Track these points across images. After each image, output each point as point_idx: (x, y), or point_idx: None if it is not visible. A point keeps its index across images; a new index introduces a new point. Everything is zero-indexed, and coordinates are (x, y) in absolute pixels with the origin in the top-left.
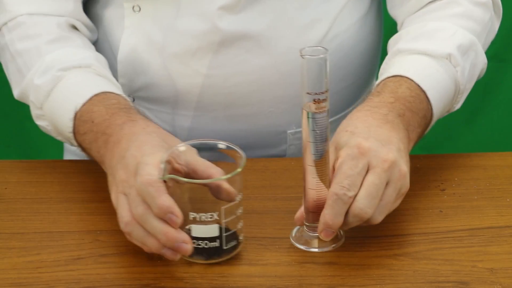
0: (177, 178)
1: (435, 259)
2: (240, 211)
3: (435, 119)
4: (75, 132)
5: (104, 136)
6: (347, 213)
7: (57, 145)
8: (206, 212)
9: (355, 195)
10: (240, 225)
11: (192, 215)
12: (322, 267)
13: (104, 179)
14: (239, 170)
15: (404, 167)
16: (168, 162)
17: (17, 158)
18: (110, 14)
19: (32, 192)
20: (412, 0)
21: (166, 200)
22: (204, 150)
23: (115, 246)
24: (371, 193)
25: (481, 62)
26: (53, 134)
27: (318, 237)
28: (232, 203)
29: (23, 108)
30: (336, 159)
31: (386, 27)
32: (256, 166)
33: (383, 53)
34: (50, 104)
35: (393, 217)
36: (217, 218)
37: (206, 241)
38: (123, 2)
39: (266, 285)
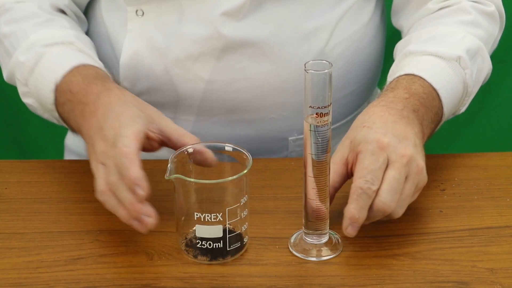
0: (184, 178)
1: (435, 259)
2: (245, 213)
3: (444, 119)
4: (56, 104)
5: (81, 105)
6: (370, 207)
7: (57, 145)
8: (210, 212)
9: (378, 190)
10: (244, 227)
11: (196, 215)
12: (322, 267)
13: None
14: (245, 171)
15: (421, 161)
16: (146, 134)
17: (17, 158)
18: (113, 18)
19: (32, 192)
20: (419, 11)
21: (135, 172)
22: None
23: (115, 246)
24: (393, 187)
25: (487, 67)
26: (40, 112)
27: (316, 246)
28: (236, 205)
29: (23, 109)
30: (353, 153)
31: (389, 35)
32: (256, 166)
33: (386, 60)
34: (34, 80)
35: None
36: (221, 219)
37: (210, 242)
38: (127, 6)
39: (266, 285)
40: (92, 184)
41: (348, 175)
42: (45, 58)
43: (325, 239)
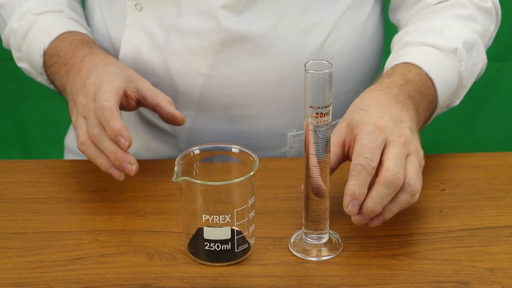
0: (191, 180)
1: (435, 259)
2: (252, 214)
3: (438, 109)
4: (45, 67)
5: (67, 67)
6: (382, 184)
7: (57, 145)
8: (218, 214)
9: (381, 168)
10: (251, 228)
11: (205, 217)
12: (322, 267)
13: (104, 179)
14: (251, 173)
15: (417, 143)
16: (124, 92)
17: (17, 156)
18: (111, 11)
19: (32, 192)
20: (417, 5)
21: (118, 124)
22: (217, 153)
23: (115, 246)
24: (398, 162)
25: (482, 62)
26: (34, 76)
27: (316, 246)
28: (244, 206)
29: (23, 106)
30: (350, 136)
31: (388, 34)
32: None
33: (386, 57)
34: (26, 45)
35: (393, 217)
36: (230, 221)
37: (218, 244)
38: (126, 0)
39: (266, 285)
40: (93, 184)
41: (345, 157)
42: (36, 25)
43: (325, 239)
